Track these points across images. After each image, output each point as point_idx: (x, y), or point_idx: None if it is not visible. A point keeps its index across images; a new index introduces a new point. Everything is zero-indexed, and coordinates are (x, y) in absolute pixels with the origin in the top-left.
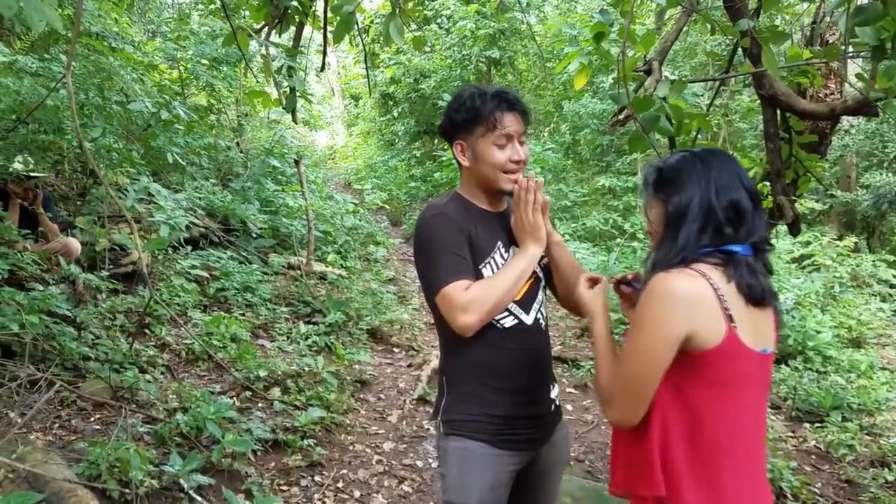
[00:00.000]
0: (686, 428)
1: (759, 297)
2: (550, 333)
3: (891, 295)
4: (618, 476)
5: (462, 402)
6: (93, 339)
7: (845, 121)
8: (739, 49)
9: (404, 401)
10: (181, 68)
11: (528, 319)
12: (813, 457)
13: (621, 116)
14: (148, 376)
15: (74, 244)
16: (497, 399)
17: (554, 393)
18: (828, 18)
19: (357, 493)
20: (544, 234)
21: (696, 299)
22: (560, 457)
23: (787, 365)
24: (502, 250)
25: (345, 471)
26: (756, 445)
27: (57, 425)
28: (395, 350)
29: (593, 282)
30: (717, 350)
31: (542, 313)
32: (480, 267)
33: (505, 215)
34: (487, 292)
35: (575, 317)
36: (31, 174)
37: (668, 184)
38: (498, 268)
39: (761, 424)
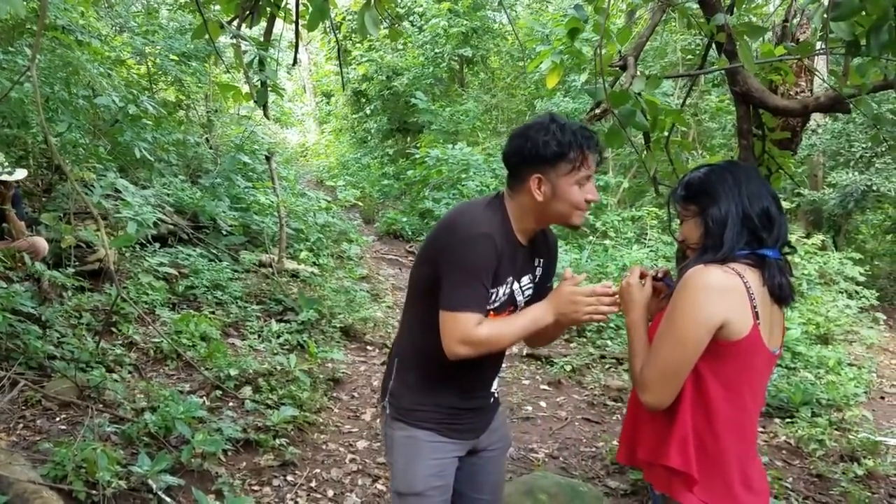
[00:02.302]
0: (704, 412)
1: (787, 295)
2: None
3: (857, 292)
4: (642, 448)
5: (412, 391)
6: (58, 338)
7: (812, 120)
8: (713, 47)
9: (378, 399)
10: (149, 63)
11: None
12: (784, 452)
13: (598, 111)
14: (115, 375)
15: (42, 243)
16: (446, 391)
17: (494, 387)
18: (797, 18)
19: (330, 493)
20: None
21: (729, 290)
22: (502, 440)
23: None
24: (508, 284)
25: (318, 470)
26: (754, 433)
27: (21, 425)
28: (369, 348)
29: (642, 276)
30: (742, 342)
31: None
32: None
33: (525, 249)
34: (493, 339)
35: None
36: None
37: (703, 196)
38: (496, 298)
39: (757, 416)
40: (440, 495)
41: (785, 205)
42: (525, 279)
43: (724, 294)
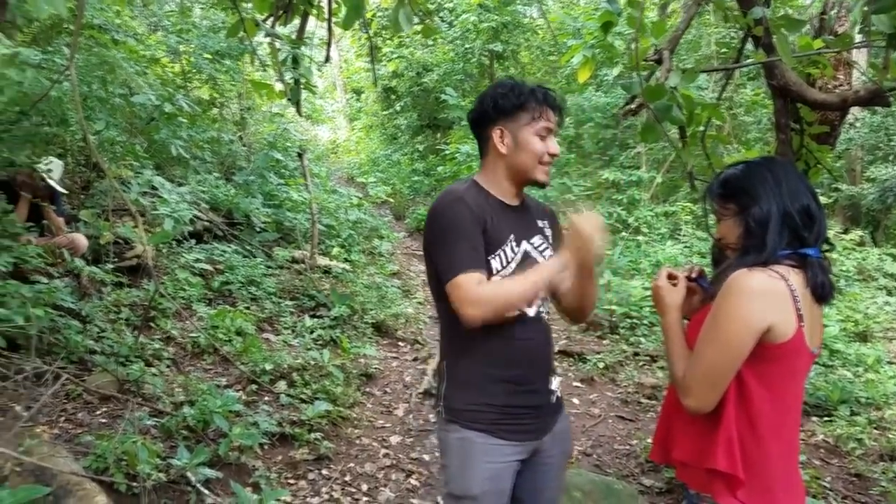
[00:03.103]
0: (747, 415)
1: (828, 294)
2: (556, 327)
3: None
4: (678, 448)
5: (462, 391)
6: (98, 333)
7: (850, 114)
8: (749, 40)
9: (410, 394)
10: (183, 61)
11: (531, 311)
12: (822, 451)
13: (633, 106)
14: (154, 369)
15: (81, 240)
16: (497, 388)
17: (554, 384)
18: (836, 10)
19: (365, 487)
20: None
21: (774, 294)
22: (563, 448)
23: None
24: (513, 244)
25: (352, 464)
26: (796, 435)
27: (63, 418)
28: (401, 344)
29: (672, 277)
30: (787, 345)
31: (544, 306)
32: (490, 258)
33: (520, 210)
34: (500, 293)
35: (572, 323)
36: (52, 183)
37: (742, 195)
38: (506, 261)
39: (798, 418)
40: (496, 500)
41: (822, 200)
42: (536, 239)
43: (769, 298)
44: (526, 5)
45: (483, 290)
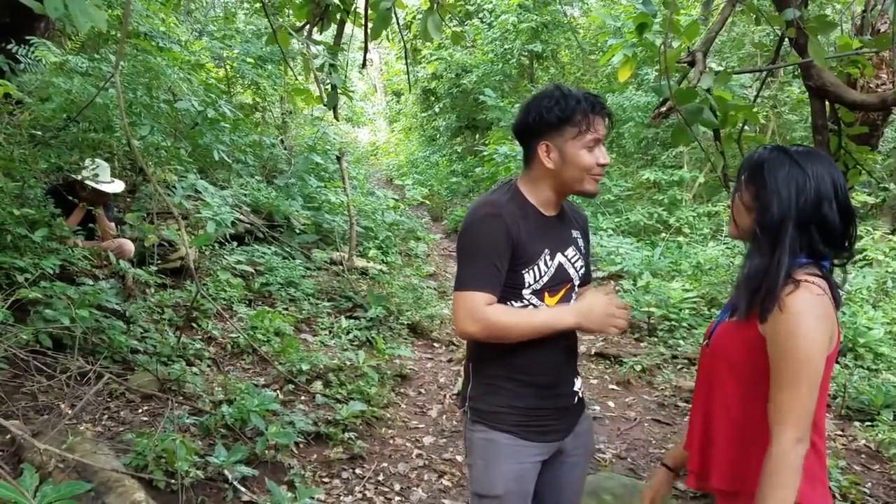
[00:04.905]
0: None
1: (841, 304)
2: None
3: None
4: (721, 476)
5: (488, 393)
6: (141, 333)
7: None
8: (787, 39)
9: (444, 395)
10: (227, 67)
11: None
12: (863, 456)
13: (663, 109)
14: (194, 369)
15: (128, 245)
16: (522, 392)
17: (577, 386)
18: (878, 6)
19: (397, 487)
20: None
21: (826, 308)
22: (585, 447)
23: (837, 362)
24: (547, 257)
25: (385, 464)
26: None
27: (106, 416)
28: (436, 345)
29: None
30: (833, 352)
31: None
32: (523, 271)
33: (557, 221)
34: (503, 321)
35: None
36: (107, 188)
37: (762, 188)
38: (540, 274)
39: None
40: (519, 500)
41: (870, 200)
42: (570, 251)
43: (826, 314)
44: (566, 4)
45: (488, 311)
